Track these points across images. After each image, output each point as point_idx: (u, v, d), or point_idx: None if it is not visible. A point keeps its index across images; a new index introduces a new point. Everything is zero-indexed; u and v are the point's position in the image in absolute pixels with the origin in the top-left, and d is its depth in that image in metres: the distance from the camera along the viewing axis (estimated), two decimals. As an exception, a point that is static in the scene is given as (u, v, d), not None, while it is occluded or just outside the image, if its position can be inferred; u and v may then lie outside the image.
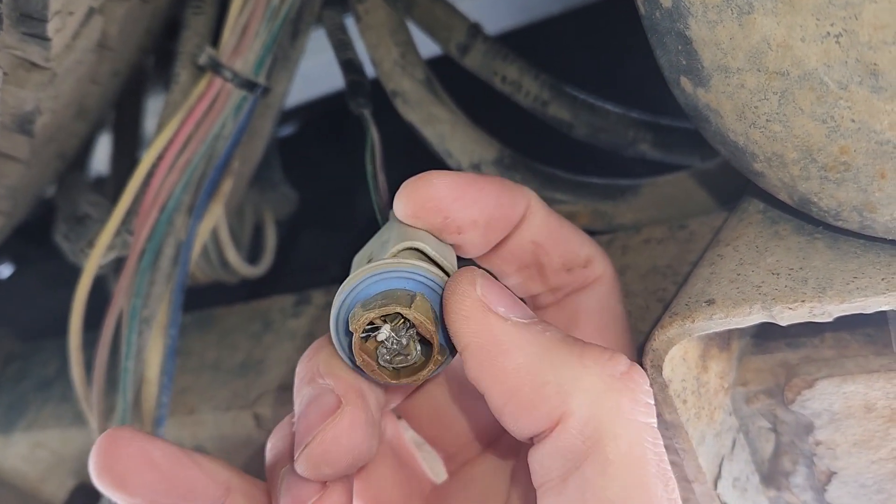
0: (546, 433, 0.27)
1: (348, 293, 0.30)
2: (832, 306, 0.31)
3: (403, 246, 0.30)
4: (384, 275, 0.29)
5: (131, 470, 0.31)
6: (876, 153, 0.28)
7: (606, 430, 0.26)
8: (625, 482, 0.26)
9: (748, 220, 0.37)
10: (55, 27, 0.44)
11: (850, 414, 0.37)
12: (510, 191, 0.33)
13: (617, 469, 0.26)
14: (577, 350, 0.28)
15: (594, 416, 0.26)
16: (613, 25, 0.66)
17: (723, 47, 0.29)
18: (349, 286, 0.30)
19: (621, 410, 0.27)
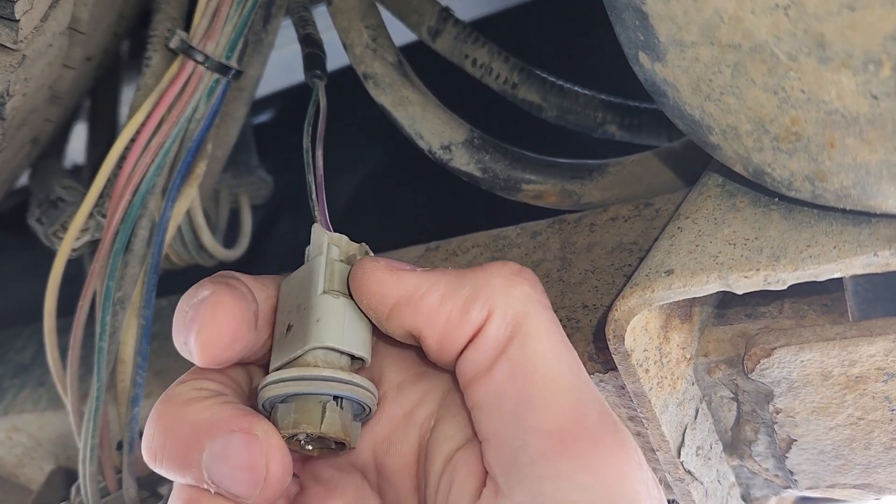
0: (475, 334, 0.32)
1: (267, 398, 0.34)
2: (786, 274, 0.32)
3: (315, 346, 0.34)
4: (297, 390, 0.33)
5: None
6: (825, 123, 0.29)
7: (522, 313, 0.32)
8: (542, 351, 0.31)
9: (707, 194, 0.38)
10: (23, 8, 0.44)
11: (808, 382, 0.39)
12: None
13: (535, 341, 0.31)
14: (479, 267, 0.33)
15: (509, 305, 0.32)
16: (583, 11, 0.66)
17: (677, 21, 0.30)
18: (267, 394, 0.34)
19: (529, 295, 0.32)
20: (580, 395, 0.31)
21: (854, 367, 0.37)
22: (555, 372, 0.31)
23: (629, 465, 0.29)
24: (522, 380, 0.30)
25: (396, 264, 0.34)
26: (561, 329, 0.33)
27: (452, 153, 0.52)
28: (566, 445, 0.29)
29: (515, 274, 0.33)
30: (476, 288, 0.32)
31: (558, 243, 0.50)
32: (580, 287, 0.46)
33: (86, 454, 0.50)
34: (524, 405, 0.30)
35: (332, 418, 0.33)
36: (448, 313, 0.32)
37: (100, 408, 0.49)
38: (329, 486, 0.36)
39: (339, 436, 0.33)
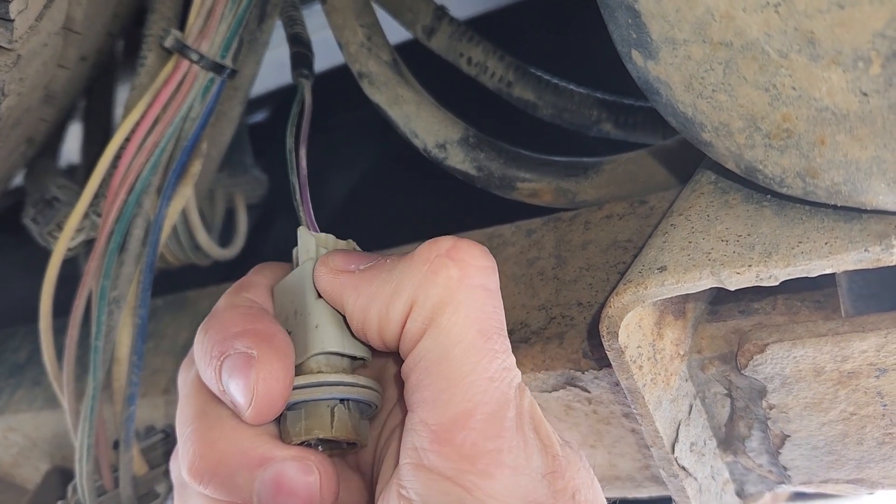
0: (403, 329, 0.32)
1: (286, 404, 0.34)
2: (778, 270, 0.33)
3: (317, 352, 0.35)
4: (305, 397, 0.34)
5: None
6: (816, 120, 0.29)
7: (439, 304, 0.31)
8: (449, 345, 0.31)
9: (700, 191, 0.38)
10: (18, 8, 0.44)
11: (801, 377, 0.39)
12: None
13: (444, 335, 0.31)
14: (410, 255, 0.33)
15: (429, 295, 0.31)
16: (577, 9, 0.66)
17: (669, 19, 0.30)
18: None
19: (449, 281, 0.31)
20: (472, 394, 0.30)
21: (846, 363, 0.37)
22: (453, 368, 0.30)
23: (501, 472, 0.29)
24: (422, 371, 0.31)
25: (345, 262, 0.34)
26: (489, 313, 0.31)
27: (447, 152, 0.52)
28: (441, 444, 0.29)
29: (443, 255, 0.32)
30: (400, 282, 0.32)
31: (553, 241, 0.50)
32: (575, 284, 0.46)
33: (82, 453, 0.50)
34: (419, 395, 0.31)
35: (342, 420, 0.34)
36: (377, 313, 0.32)
37: (96, 407, 0.49)
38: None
39: (350, 437, 0.34)
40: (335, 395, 0.34)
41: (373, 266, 0.34)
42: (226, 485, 0.33)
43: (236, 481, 0.33)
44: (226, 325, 0.34)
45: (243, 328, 0.34)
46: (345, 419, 0.34)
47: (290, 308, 0.37)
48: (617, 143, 0.58)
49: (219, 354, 0.33)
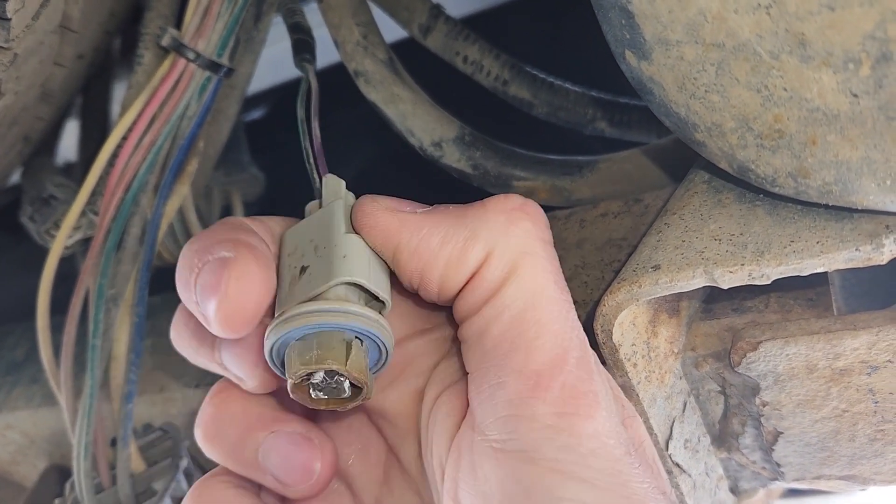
0: (472, 277, 0.31)
1: (283, 334, 0.30)
2: (770, 269, 0.33)
3: (341, 281, 0.31)
4: (321, 324, 0.30)
5: None
6: (807, 120, 0.30)
7: (520, 253, 0.31)
8: (532, 292, 0.31)
9: (694, 190, 0.39)
10: (14, 7, 0.44)
11: (794, 375, 0.39)
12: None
13: (527, 282, 0.31)
14: (479, 204, 0.32)
15: (508, 244, 0.31)
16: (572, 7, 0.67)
17: (662, 20, 0.30)
18: (285, 329, 0.30)
19: (528, 232, 0.32)
20: (562, 340, 0.30)
21: (839, 361, 0.38)
22: (541, 314, 0.30)
23: (598, 413, 0.29)
24: (509, 320, 0.30)
25: (397, 204, 0.33)
26: (557, 267, 0.32)
27: (443, 150, 0.53)
28: (541, 389, 0.29)
29: (517, 209, 0.32)
30: (475, 229, 0.31)
31: (548, 239, 0.50)
32: (570, 283, 0.46)
33: (80, 451, 0.50)
34: (507, 345, 0.30)
35: (358, 357, 0.30)
36: (448, 256, 0.31)
37: (94, 405, 0.49)
38: (337, 420, 0.37)
39: (362, 378, 0.30)
40: (355, 327, 0.30)
41: (437, 209, 0.33)
42: (233, 453, 0.34)
43: (243, 451, 0.34)
44: (210, 234, 0.32)
45: (226, 237, 0.32)
46: (360, 357, 0.31)
47: (309, 245, 0.33)
48: (612, 141, 0.58)
49: (198, 263, 0.31)
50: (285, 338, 0.31)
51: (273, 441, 0.34)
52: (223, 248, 0.31)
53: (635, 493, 0.28)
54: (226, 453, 0.35)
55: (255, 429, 0.34)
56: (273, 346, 0.31)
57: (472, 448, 0.31)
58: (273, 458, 0.34)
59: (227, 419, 0.35)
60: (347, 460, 0.37)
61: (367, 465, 0.36)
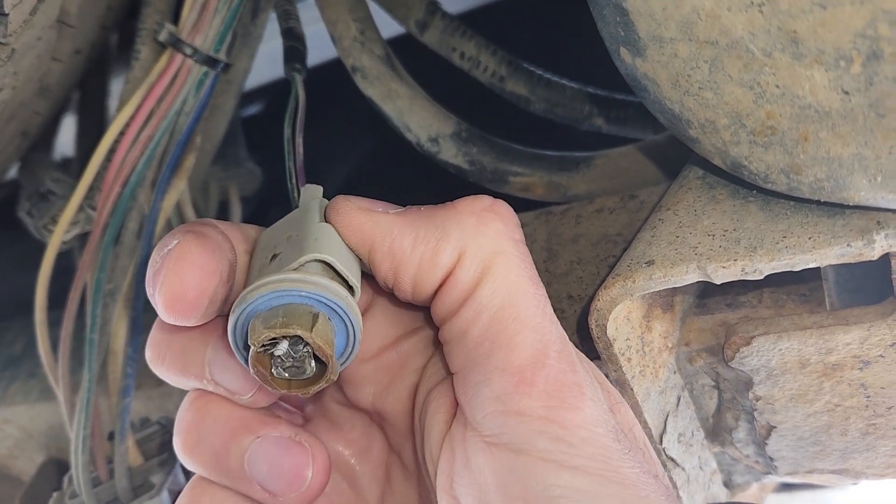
0: (447, 277, 0.31)
1: (249, 304, 0.29)
2: (762, 264, 0.33)
3: (311, 258, 0.30)
4: (288, 291, 0.29)
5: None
6: (799, 117, 0.30)
7: (492, 253, 0.31)
8: (508, 290, 0.31)
9: (688, 186, 0.39)
10: (12, 2, 0.44)
11: (786, 369, 0.39)
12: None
13: (502, 281, 0.31)
14: (450, 205, 0.33)
15: (479, 245, 0.31)
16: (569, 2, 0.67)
17: (656, 18, 0.31)
18: (250, 298, 0.29)
19: (499, 233, 0.32)
20: (542, 334, 0.31)
21: (831, 355, 0.38)
22: (519, 311, 0.31)
23: (585, 403, 0.30)
24: (488, 320, 0.31)
25: (370, 204, 0.33)
26: (531, 264, 0.33)
27: (440, 146, 0.53)
28: (526, 384, 0.30)
29: (487, 210, 0.32)
30: (447, 229, 0.32)
31: (545, 234, 0.50)
32: (566, 278, 0.47)
33: (78, 445, 0.50)
34: (488, 344, 0.31)
35: (325, 328, 0.29)
36: (420, 257, 0.31)
37: (91, 399, 0.49)
38: (337, 421, 0.37)
39: (328, 350, 0.29)
40: (323, 297, 0.29)
41: (409, 210, 0.33)
42: (217, 463, 0.33)
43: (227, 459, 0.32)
44: (170, 232, 0.32)
45: (180, 230, 0.31)
46: (328, 329, 0.29)
47: (282, 237, 0.33)
48: (609, 136, 0.59)
49: (155, 258, 0.31)
50: (251, 309, 0.29)
51: (260, 446, 0.32)
52: (173, 238, 0.31)
53: (627, 478, 0.29)
54: (209, 463, 0.33)
55: (240, 434, 0.32)
56: (237, 321, 0.30)
57: (465, 443, 0.31)
58: (260, 465, 0.32)
59: (209, 425, 0.33)
60: (350, 460, 0.36)
61: (369, 464, 0.37)
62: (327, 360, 0.29)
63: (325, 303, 0.30)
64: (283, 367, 0.30)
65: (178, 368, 0.33)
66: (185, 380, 0.33)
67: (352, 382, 0.37)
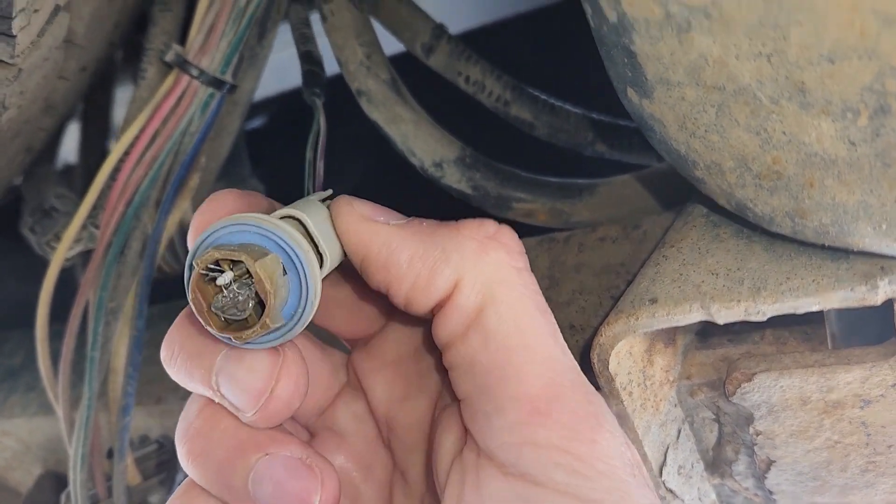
0: (444, 300, 0.31)
1: (209, 234, 0.29)
2: (766, 306, 0.33)
3: (286, 213, 0.30)
4: (249, 228, 0.29)
5: None
6: (805, 164, 0.30)
7: (493, 282, 0.31)
8: (515, 318, 0.31)
9: (692, 224, 0.39)
10: (20, 24, 0.44)
11: (787, 406, 0.40)
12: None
13: (508, 309, 0.31)
14: (454, 226, 0.32)
15: (480, 272, 0.31)
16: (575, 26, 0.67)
17: (664, 62, 0.31)
18: (211, 228, 0.29)
19: (500, 262, 0.31)
20: (553, 363, 0.31)
21: (832, 393, 0.38)
22: (528, 340, 0.30)
23: (602, 436, 0.29)
24: (496, 349, 0.30)
25: (372, 212, 0.32)
26: (537, 292, 0.32)
27: (444, 170, 0.53)
28: (541, 415, 0.29)
29: (490, 238, 0.32)
30: (447, 251, 0.31)
31: (547, 262, 0.50)
32: (568, 307, 0.47)
33: (76, 462, 0.50)
34: (498, 372, 0.30)
35: (272, 265, 0.28)
36: (415, 276, 0.31)
37: (91, 417, 0.50)
38: (341, 435, 0.36)
39: (267, 285, 0.28)
40: (282, 242, 0.29)
41: (411, 224, 0.32)
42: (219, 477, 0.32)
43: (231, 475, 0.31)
44: None
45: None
46: (275, 268, 0.28)
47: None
48: (614, 161, 0.59)
49: None
50: (212, 239, 0.29)
51: (267, 465, 0.31)
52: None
53: None
54: (211, 476, 0.32)
55: (248, 450, 0.31)
56: (196, 250, 0.29)
57: (477, 469, 0.31)
58: (265, 485, 0.31)
59: (217, 435, 0.31)
60: (353, 475, 0.36)
61: (372, 481, 0.36)
62: (265, 296, 0.28)
63: (283, 249, 0.29)
64: (222, 303, 0.29)
65: (186, 372, 0.32)
66: (192, 384, 0.32)
67: (369, 382, 0.36)
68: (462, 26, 0.79)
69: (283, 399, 0.31)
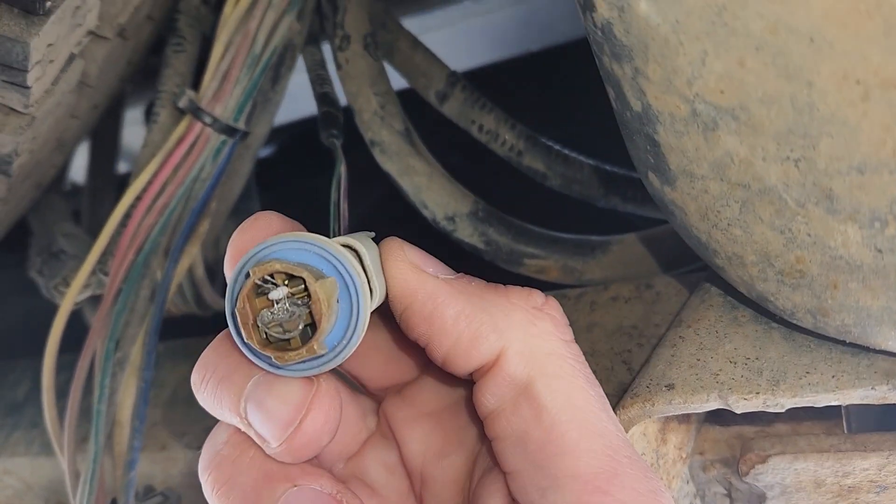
0: (488, 366, 0.30)
1: (267, 246, 0.28)
2: (785, 399, 0.33)
3: (344, 241, 0.29)
4: (311, 247, 0.28)
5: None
6: (829, 266, 0.30)
7: (543, 353, 0.30)
8: (566, 391, 0.30)
9: (709, 303, 0.39)
10: (36, 76, 0.44)
11: (801, 488, 0.39)
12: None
13: (558, 382, 0.30)
14: (503, 291, 0.31)
15: (528, 343, 0.30)
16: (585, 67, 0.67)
17: (688, 155, 0.30)
18: (271, 241, 0.28)
19: (549, 334, 0.31)
20: (610, 439, 0.30)
21: (847, 479, 0.38)
22: (583, 415, 0.30)
23: None
24: (550, 423, 0.30)
25: (422, 260, 0.31)
26: (585, 364, 0.32)
27: (456, 224, 0.53)
28: (602, 493, 0.29)
29: (538, 309, 0.31)
30: (495, 318, 0.30)
31: (558, 321, 0.50)
32: (579, 371, 0.47)
33: (80, 514, 0.50)
34: (553, 448, 0.29)
35: (330, 288, 0.27)
36: (458, 335, 0.30)
37: (97, 471, 0.49)
38: (371, 486, 0.35)
39: (324, 307, 0.27)
40: (341, 266, 0.28)
41: (460, 281, 0.31)
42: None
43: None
44: None
45: None
46: (333, 291, 0.27)
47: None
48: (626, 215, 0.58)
49: None
50: (270, 253, 0.28)
51: (295, 497, 0.30)
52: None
53: None
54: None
55: (276, 479, 0.30)
56: (250, 258, 0.28)
57: None
58: None
59: (245, 463, 0.30)
60: None
61: None
62: (319, 319, 0.27)
63: (341, 274, 0.28)
64: (267, 322, 0.28)
65: (216, 397, 0.31)
66: (220, 410, 0.31)
67: (404, 432, 0.35)
68: (470, 64, 0.79)
69: (311, 433, 0.30)
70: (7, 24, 0.41)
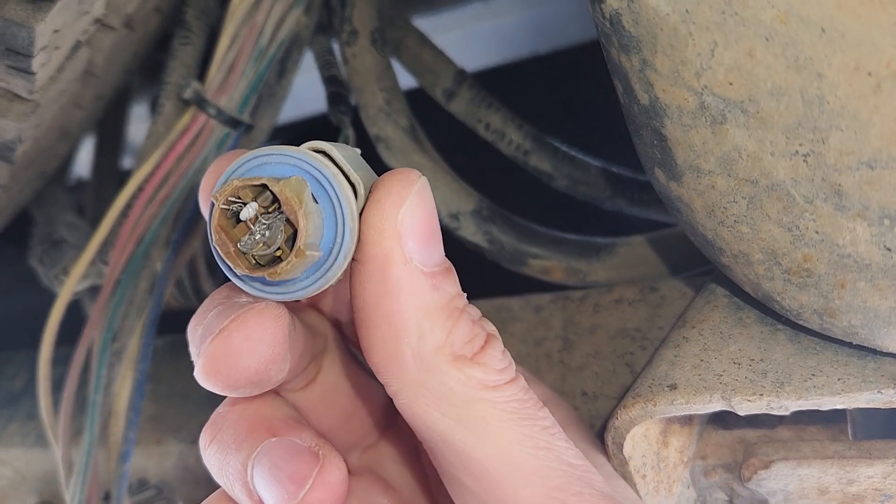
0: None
1: (230, 172, 0.27)
2: (789, 402, 0.32)
3: (311, 146, 0.27)
4: (272, 158, 0.26)
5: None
6: (837, 265, 0.29)
7: (461, 403, 0.27)
8: (495, 439, 0.27)
9: (714, 303, 0.38)
10: (41, 62, 0.44)
11: (804, 495, 0.38)
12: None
13: (483, 428, 0.27)
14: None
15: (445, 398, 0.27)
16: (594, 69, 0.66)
17: (695, 150, 0.30)
18: (233, 166, 0.27)
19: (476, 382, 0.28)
20: (553, 479, 0.27)
21: (852, 486, 0.37)
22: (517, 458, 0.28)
23: None
24: (479, 473, 0.28)
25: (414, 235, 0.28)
26: (523, 401, 0.28)
27: (460, 222, 0.52)
28: None
29: (468, 359, 0.28)
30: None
31: (561, 321, 0.49)
32: (581, 372, 0.46)
33: (73, 505, 0.49)
34: (490, 497, 0.28)
35: (298, 185, 0.26)
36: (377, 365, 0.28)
37: (90, 462, 0.49)
38: (387, 480, 0.34)
39: (295, 204, 0.25)
40: (306, 165, 0.26)
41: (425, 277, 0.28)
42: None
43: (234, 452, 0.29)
44: None
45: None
46: (302, 188, 0.26)
47: None
48: (632, 217, 0.58)
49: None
50: (233, 174, 0.27)
51: (272, 447, 0.29)
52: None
53: None
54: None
55: (258, 430, 0.29)
56: (213, 194, 0.27)
57: None
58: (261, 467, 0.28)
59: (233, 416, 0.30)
60: None
61: None
62: (295, 218, 0.25)
63: (309, 172, 0.26)
64: (251, 246, 0.26)
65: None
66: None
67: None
68: (479, 65, 0.79)
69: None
70: (13, 9, 0.40)
